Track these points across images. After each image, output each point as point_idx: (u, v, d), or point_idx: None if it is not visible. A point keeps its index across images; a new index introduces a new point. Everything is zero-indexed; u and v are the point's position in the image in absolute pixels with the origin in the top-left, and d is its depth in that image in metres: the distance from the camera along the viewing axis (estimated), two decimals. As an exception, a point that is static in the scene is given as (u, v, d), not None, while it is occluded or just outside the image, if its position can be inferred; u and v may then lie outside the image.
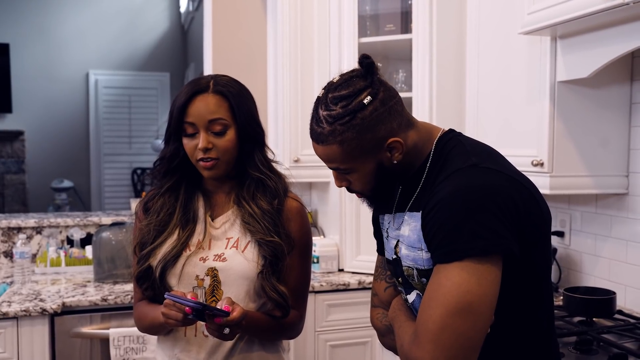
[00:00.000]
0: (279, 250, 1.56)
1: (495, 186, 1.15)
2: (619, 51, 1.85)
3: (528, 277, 1.22)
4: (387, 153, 1.24)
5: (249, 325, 1.50)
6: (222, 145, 1.54)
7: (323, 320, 2.81)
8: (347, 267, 3.03)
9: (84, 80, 8.64)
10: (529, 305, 1.25)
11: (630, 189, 2.21)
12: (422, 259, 1.22)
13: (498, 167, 1.20)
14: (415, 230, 1.24)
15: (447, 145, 1.27)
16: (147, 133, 8.87)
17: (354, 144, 1.21)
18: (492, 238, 1.10)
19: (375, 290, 1.51)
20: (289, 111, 3.08)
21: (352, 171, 1.27)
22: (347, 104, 1.21)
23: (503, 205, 1.12)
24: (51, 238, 3.20)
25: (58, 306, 2.42)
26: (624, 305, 2.23)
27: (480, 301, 1.09)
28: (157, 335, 1.67)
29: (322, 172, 3.09)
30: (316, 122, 1.25)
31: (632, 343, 1.86)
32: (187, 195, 1.64)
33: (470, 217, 1.11)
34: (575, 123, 2.14)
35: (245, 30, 3.58)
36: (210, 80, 1.57)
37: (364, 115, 1.20)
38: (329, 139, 1.23)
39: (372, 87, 1.22)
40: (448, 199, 1.14)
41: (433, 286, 1.14)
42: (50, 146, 8.42)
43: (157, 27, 8.92)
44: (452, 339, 1.09)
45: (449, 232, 1.12)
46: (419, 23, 2.78)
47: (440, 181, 1.19)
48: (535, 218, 1.19)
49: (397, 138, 1.23)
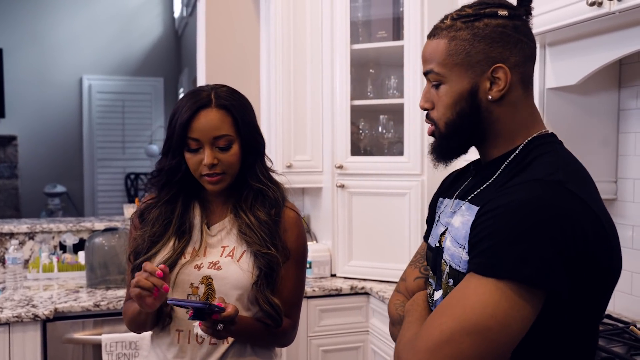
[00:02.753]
0: (275, 263, 1.56)
1: (571, 214, 1.00)
2: (606, 59, 1.88)
3: (571, 324, 1.07)
4: (488, 83, 1.12)
5: (241, 328, 1.50)
6: (227, 160, 1.55)
7: (315, 325, 2.82)
8: (340, 273, 3.04)
9: (78, 85, 8.64)
10: (571, 355, 1.10)
11: (619, 194, 2.23)
12: (461, 258, 1.10)
13: (583, 195, 1.04)
14: (466, 224, 1.10)
15: (540, 148, 1.13)
16: (140, 138, 8.87)
17: (462, 45, 1.12)
18: (543, 269, 0.96)
19: (405, 275, 1.40)
20: (282, 117, 3.10)
21: (443, 82, 1.15)
22: (481, 8, 1.13)
23: (570, 238, 0.98)
24: (44, 244, 3.20)
25: (50, 312, 2.42)
26: (613, 309, 2.25)
27: (500, 331, 0.97)
28: (140, 330, 1.65)
29: (315, 177, 3.12)
30: (441, 20, 1.18)
31: (620, 347, 1.88)
32: (185, 207, 1.64)
33: (529, 237, 0.97)
34: (564, 129, 2.15)
35: (238, 36, 3.60)
36: (211, 93, 1.55)
37: (490, 24, 1.11)
38: (443, 32, 1.15)
39: (516, 12, 1.13)
40: (513, 207, 1.00)
41: (458, 295, 1.02)
42: (43, 151, 8.41)
43: (151, 32, 8.93)
44: (450, 358, 0.97)
45: (499, 244, 0.99)
46: (410, 30, 2.81)
47: (515, 184, 1.06)
48: (601, 263, 1.04)
49: (506, 67, 1.11)
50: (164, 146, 1.60)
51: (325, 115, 3.09)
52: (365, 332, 2.86)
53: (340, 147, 3.01)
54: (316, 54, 3.11)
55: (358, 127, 3.07)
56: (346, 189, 3.00)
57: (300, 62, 3.11)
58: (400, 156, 2.91)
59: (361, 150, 3.09)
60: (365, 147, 3.10)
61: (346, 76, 2.98)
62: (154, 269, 1.40)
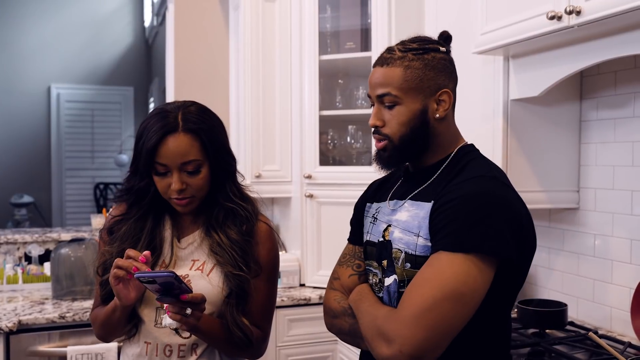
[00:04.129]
0: (246, 284, 1.56)
1: (511, 201, 1.26)
2: (567, 71, 1.93)
3: (511, 285, 1.32)
4: (435, 104, 1.35)
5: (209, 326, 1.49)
6: (196, 183, 1.53)
7: (284, 335, 2.82)
8: (309, 282, 3.05)
9: (46, 94, 8.52)
10: (502, 312, 1.34)
11: (581, 203, 2.28)
12: (416, 244, 1.30)
13: (513, 189, 1.32)
14: (416, 217, 1.32)
15: (469, 155, 1.38)
16: (110, 148, 8.78)
17: (416, 73, 1.33)
18: (500, 242, 1.20)
19: (338, 274, 1.54)
20: (251, 127, 3.10)
21: (398, 103, 1.35)
22: (424, 44, 1.37)
23: (514, 218, 1.24)
24: (8, 255, 3.15)
25: (14, 324, 2.38)
26: (575, 316, 2.29)
27: (471, 294, 1.18)
28: (111, 335, 1.62)
29: (284, 187, 3.12)
30: (387, 51, 1.39)
31: (582, 354, 1.91)
32: (155, 222, 1.62)
33: (486, 218, 1.21)
34: (528, 140, 2.20)
35: (207, 45, 3.60)
36: (178, 115, 1.52)
37: (436, 57, 1.35)
38: (396, 62, 1.35)
39: (448, 49, 1.40)
40: (470, 197, 1.23)
41: (431, 269, 1.21)
42: (10, 161, 8.26)
43: (121, 41, 8.86)
44: (435, 321, 1.15)
45: (463, 226, 1.20)
46: (378, 41, 2.84)
47: (462, 181, 1.28)
48: (530, 240, 1.31)
49: (449, 91, 1.36)
50: (132, 164, 1.58)
51: (294, 125, 3.11)
52: (334, 341, 2.86)
53: (309, 157, 3.02)
54: (285, 64, 3.12)
55: (327, 137, 3.09)
56: (315, 199, 3.01)
57: (269, 72, 3.12)
58: (368, 166, 2.93)
59: (330, 160, 3.10)
60: (334, 157, 3.12)
61: (315, 86, 3.00)
62: (137, 254, 1.42)
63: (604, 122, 2.19)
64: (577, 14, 1.67)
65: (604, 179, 2.19)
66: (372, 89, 1.39)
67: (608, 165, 2.18)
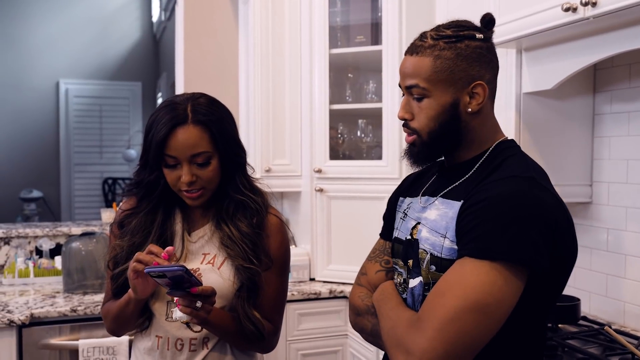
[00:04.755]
0: (257, 277, 1.55)
1: (547, 205, 1.14)
2: (581, 64, 1.91)
3: (545, 297, 1.21)
4: (467, 97, 1.24)
5: (220, 320, 1.49)
6: (206, 175, 1.52)
7: (294, 329, 2.82)
8: (319, 277, 3.04)
9: (54, 90, 8.55)
10: (535, 325, 1.24)
11: (594, 197, 2.26)
12: (442, 245, 1.20)
13: (550, 188, 1.20)
14: (444, 216, 1.22)
15: (507, 151, 1.27)
16: (118, 143, 8.81)
17: (447, 64, 1.23)
18: (531, 250, 1.09)
19: (365, 269, 1.49)
20: (261, 121, 3.10)
21: (427, 96, 1.25)
22: (459, 30, 1.25)
23: (548, 225, 1.12)
24: (19, 249, 3.16)
25: (26, 317, 2.39)
26: (588, 311, 2.28)
27: (497, 306, 1.08)
28: (123, 329, 1.62)
29: (294, 181, 3.12)
30: (420, 38, 1.28)
31: (595, 348, 1.90)
32: (165, 215, 1.61)
33: (517, 223, 1.10)
34: (540, 134, 2.18)
35: (217, 40, 3.60)
36: (188, 107, 1.51)
37: (470, 45, 1.23)
38: (426, 50, 1.25)
39: (487, 35, 1.27)
40: (500, 198, 1.12)
41: (455, 277, 1.11)
42: (19, 156, 8.30)
43: (129, 37, 8.87)
44: (457, 334, 1.06)
45: (490, 230, 1.10)
46: (388, 34, 2.83)
47: (494, 180, 1.18)
48: (567, 248, 1.19)
49: (484, 83, 1.24)
50: (141, 157, 1.57)
51: (304, 119, 3.10)
52: (344, 335, 2.86)
53: (319, 151, 3.01)
54: (295, 58, 3.11)
55: (337, 131, 3.08)
56: (325, 193, 3.01)
57: (279, 67, 3.11)
58: (378, 160, 2.92)
59: (340, 154, 3.10)
60: (344, 151, 3.12)
61: (325, 80, 2.99)
62: (160, 250, 1.41)
63: (618, 116, 2.17)
64: (593, 6, 1.65)
65: (618, 173, 2.18)
66: (401, 79, 1.30)
67: (622, 159, 2.16)
